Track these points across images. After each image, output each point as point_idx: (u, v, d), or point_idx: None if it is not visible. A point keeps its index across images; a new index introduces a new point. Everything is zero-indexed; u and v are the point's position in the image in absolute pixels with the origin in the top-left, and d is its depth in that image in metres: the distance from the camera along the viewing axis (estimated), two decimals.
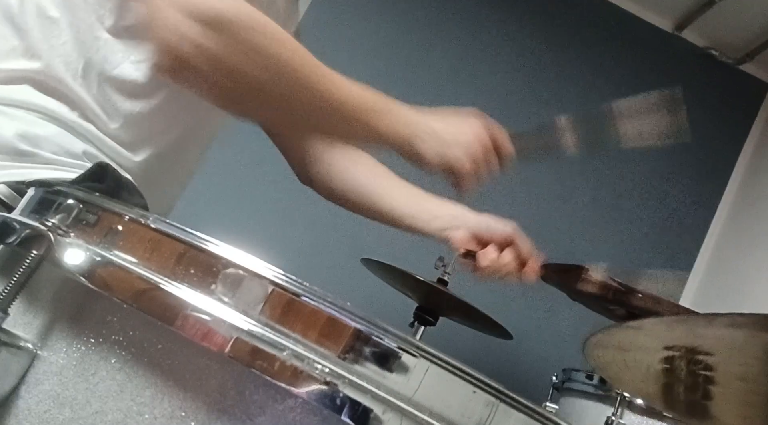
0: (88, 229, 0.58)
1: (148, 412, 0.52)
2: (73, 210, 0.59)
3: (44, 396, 0.55)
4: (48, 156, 0.85)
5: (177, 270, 0.54)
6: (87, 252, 0.56)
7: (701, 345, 0.66)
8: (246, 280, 0.53)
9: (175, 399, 0.52)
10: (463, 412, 0.51)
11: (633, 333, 0.72)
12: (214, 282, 0.53)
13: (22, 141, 0.84)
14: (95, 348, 0.55)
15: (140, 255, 0.56)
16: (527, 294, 2.41)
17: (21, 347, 0.56)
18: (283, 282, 0.52)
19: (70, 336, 0.56)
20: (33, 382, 0.56)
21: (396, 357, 0.51)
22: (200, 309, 0.52)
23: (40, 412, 0.55)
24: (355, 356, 0.51)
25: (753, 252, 2.39)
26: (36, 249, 0.56)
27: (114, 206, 0.59)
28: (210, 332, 0.51)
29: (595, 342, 0.73)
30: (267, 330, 0.51)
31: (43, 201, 0.63)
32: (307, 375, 0.50)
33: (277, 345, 0.50)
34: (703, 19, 2.58)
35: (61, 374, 0.55)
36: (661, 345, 0.69)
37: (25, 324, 0.58)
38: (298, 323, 0.52)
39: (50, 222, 0.58)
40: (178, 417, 0.52)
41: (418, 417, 0.50)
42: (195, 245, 0.55)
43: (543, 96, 2.63)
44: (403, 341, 0.51)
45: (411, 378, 0.51)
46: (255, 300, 0.52)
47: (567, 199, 2.58)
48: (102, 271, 0.56)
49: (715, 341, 0.65)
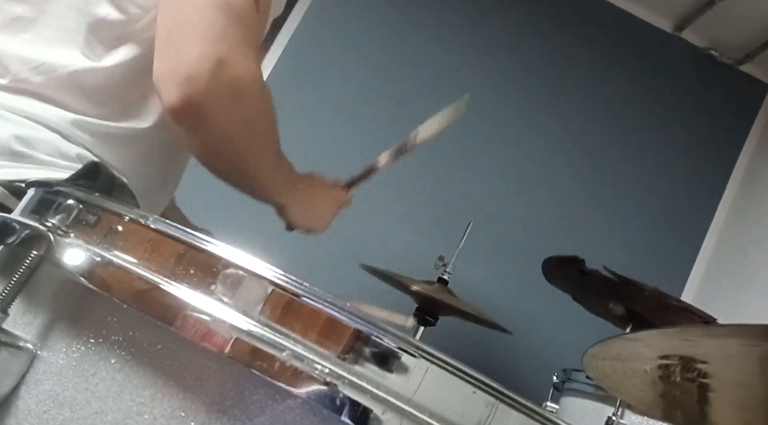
0: (88, 229, 0.58)
1: (148, 412, 0.52)
2: (73, 210, 0.59)
3: (44, 397, 0.55)
4: (42, 157, 0.86)
5: (177, 270, 0.54)
6: (87, 253, 0.56)
7: (698, 354, 0.66)
8: (246, 281, 0.53)
9: (175, 399, 0.52)
10: (463, 412, 0.51)
11: (630, 344, 0.72)
12: (213, 283, 0.53)
13: (18, 142, 0.85)
14: (95, 348, 0.55)
15: (140, 256, 0.56)
16: (527, 295, 2.41)
17: (21, 347, 0.56)
18: (283, 282, 0.52)
19: (70, 336, 0.56)
20: (33, 382, 0.56)
21: (396, 358, 0.51)
22: (200, 310, 0.52)
23: (39, 412, 0.55)
24: (354, 356, 0.51)
25: (753, 252, 2.39)
26: (36, 249, 0.56)
27: (114, 206, 0.59)
28: (210, 332, 0.51)
29: (593, 353, 0.73)
30: (267, 330, 0.51)
31: (43, 201, 0.63)
32: (307, 376, 0.50)
33: (276, 345, 0.50)
34: (703, 20, 2.58)
35: (60, 374, 0.55)
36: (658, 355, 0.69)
37: (25, 324, 0.57)
38: (298, 323, 0.52)
39: (50, 223, 0.58)
40: (178, 417, 0.52)
41: (418, 418, 0.50)
42: (195, 245, 0.55)
43: (543, 96, 2.63)
44: (402, 341, 0.51)
45: (411, 379, 0.51)
46: (255, 301, 0.52)
47: (566, 199, 2.58)
48: (102, 271, 0.56)
49: (712, 350, 0.65)
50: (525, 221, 2.53)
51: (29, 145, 0.86)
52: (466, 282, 2.14)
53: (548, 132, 2.62)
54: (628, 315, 1.71)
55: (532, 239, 2.51)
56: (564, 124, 2.63)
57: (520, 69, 2.63)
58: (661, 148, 2.66)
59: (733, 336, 0.60)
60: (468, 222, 2.01)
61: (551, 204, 2.57)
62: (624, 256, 2.59)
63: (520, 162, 2.58)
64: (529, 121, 2.60)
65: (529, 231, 2.53)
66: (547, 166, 2.60)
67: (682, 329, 0.71)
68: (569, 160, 2.62)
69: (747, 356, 0.62)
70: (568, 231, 2.55)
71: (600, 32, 2.70)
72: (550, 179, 2.59)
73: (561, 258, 1.75)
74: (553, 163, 2.61)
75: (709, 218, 2.64)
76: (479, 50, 2.61)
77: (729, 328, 0.59)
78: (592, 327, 1.96)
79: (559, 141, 2.62)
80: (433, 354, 0.51)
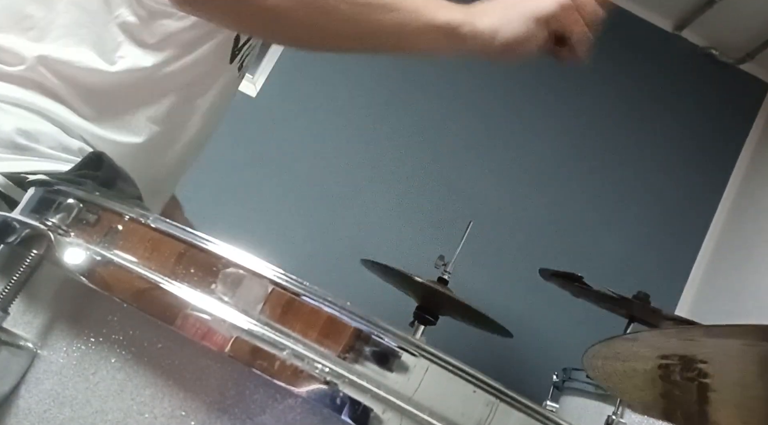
0: (88, 229, 0.58)
1: (148, 412, 0.52)
2: (73, 209, 0.59)
3: (44, 396, 0.55)
4: (45, 150, 0.87)
5: (177, 269, 0.54)
6: (87, 252, 0.56)
7: (698, 354, 0.66)
8: (246, 280, 0.53)
9: (175, 399, 0.52)
10: (463, 412, 0.51)
11: (630, 343, 0.72)
12: (214, 282, 0.53)
13: (21, 135, 0.86)
14: (95, 347, 0.55)
15: (140, 255, 0.56)
16: (527, 294, 2.41)
17: (21, 346, 0.56)
18: (283, 281, 0.52)
19: (70, 335, 0.56)
20: (33, 382, 0.56)
21: (396, 357, 0.51)
22: (200, 309, 0.52)
23: (40, 412, 0.55)
24: (355, 355, 0.51)
25: (753, 252, 2.39)
26: (36, 248, 0.56)
27: (114, 205, 0.59)
28: (210, 331, 0.51)
29: (593, 353, 0.73)
30: (267, 329, 0.51)
31: (43, 200, 0.63)
32: (307, 375, 0.50)
33: (277, 344, 0.50)
34: (703, 19, 2.58)
35: (61, 373, 0.55)
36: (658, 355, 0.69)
37: (25, 323, 0.58)
38: (298, 322, 0.52)
39: (50, 222, 0.58)
40: (178, 416, 0.52)
41: (418, 417, 0.50)
42: (195, 244, 0.55)
43: (542, 95, 2.63)
44: (403, 340, 0.51)
45: (411, 378, 0.51)
46: (255, 300, 0.52)
47: (567, 199, 2.58)
48: (102, 271, 0.56)
49: (712, 350, 0.65)
50: (525, 221, 2.54)
51: (32, 138, 0.86)
52: (466, 282, 2.14)
53: (548, 132, 2.62)
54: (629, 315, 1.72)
55: (532, 239, 2.51)
56: (564, 123, 2.64)
57: (520, 69, 2.63)
58: (661, 147, 2.67)
59: (733, 336, 0.60)
60: (468, 222, 2.01)
61: (551, 203, 2.57)
62: (623, 256, 2.59)
63: (520, 162, 2.58)
64: (528, 121, 2.61)
65: (529, 231, 2.53)
66: (547, 165, 2.60)
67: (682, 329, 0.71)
68: (569, 160, 2.62)
69: (747, 356, 0.62)
70: (568, 230, 2.55)
71: (600, 31, 2.69)
72: (550, 179, 2.59)
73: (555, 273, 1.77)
74: (553, 162, 2.61)
75: (709, 217, 2.65)
76: None
77: (729, 328, 0.59)
78: (593, 325, 1.96)
79: (558, 140, 2.63)
80: (434, 353, 0.51)
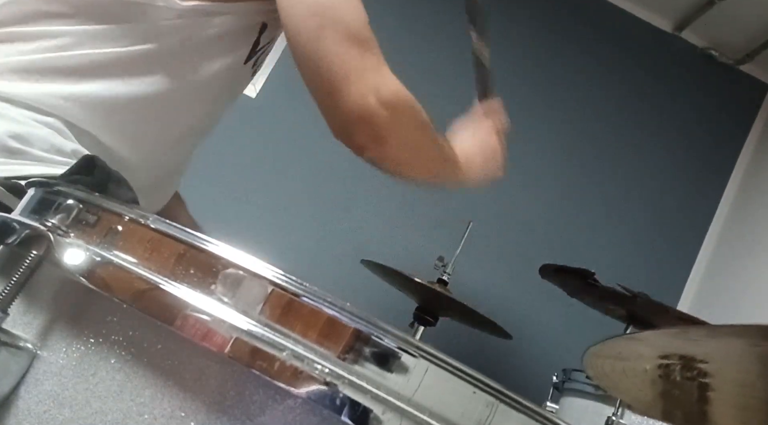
0: (88, 229, 0.58)
1: (148, 412, 0.52)
2: (73, 210, 0.59)
3: (44, 396, 0.55)
4: (38, 153, 0.87)
5: (177, 270, 0.54)
6: (87, 252, 0.56)
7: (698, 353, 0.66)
8: (246, 280, 0.53)
9: (175, 399, 0.52)
10: (463, 412, 0.51)
11: (630, 343, 0.72)
12: (213, 283, 0.53)
13: (13, 139, 0.85)
14: (95, 348, 0.55)
15: (140, 255, 0.56)
16: (527, 294, 2.41)
17: (21, 347, 0.56)
18: (283, 282, 0.52)
19: (70, 336, 0.56)
20: (33, 382, 0.56)
21: (396, 358, 0.51)
22: (200, 310, 0.52)
23: (39, 412, 0.55)
24: (354, 356, 0.51)
25: (753, 252, 2.39)
26: (36, 249, 0.56)
27: (114, 206, 0.59)
28: (210, 332, 0.51)
29: (593, 353, 0.73)
30: (267, 330, 0.51)
31: (42, 201, 0.63)
32: (307, 376, 0.50)
33: (276, 345, 0.50)
34: (703, 20, 2.58)
35: (60, 374, 0.55)
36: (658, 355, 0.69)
37: (25, 324, 0.57)
38: (298, 323, 0.51)
39: (50, 223, 0.58)
40: (178, 417, 0.52)
41: (418, 418, 0.50)
42: (195, 245, 0.55)
43: (542, 96, 2.63)
44: (402, 341, 0.51)
45: (411, 379, 0.51)
46: (255, 301, 0.52)
47: (566, 199, 2.58)
48: (102, 271, 0.56)
49: (712, 350, 0.65)
50: (525, 221, 2.54)
51: (25, 142, 0.86)
52: (466, 283, 2.15)
53: (548, 132, 2.62)
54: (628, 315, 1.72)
55: (531, 239, 2.51)
56: (563, 123, 2.64)
57: (520, 69, 2.63)
58: (660, 148, 2.67)
59: (733, 336, 0.60)
60: (468, 222, 2.01)
61: (551, 203, 2.57)
62: (623, 255, 2.59)
63: (520, 162, 2.58)
64: (528, 121, 2.60)
65: (529, 232, 2.53)
66: (546, 165, 2.60)
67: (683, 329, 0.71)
68: (569, 160, 2.62)
69: (747, 356, 0.62)
70: (568, 230, 2.55)
71: (600, 32, 2.70)
72: (550, 179, 2.59)
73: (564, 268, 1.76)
74: (553, 162, 2.61)
75: (709, 218, 2.65)
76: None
77: (729, 328, 0.59)
78: (592, 326, 1.96)
79: (558, 141, 2.63)
80: (433, 353, 0.51)
